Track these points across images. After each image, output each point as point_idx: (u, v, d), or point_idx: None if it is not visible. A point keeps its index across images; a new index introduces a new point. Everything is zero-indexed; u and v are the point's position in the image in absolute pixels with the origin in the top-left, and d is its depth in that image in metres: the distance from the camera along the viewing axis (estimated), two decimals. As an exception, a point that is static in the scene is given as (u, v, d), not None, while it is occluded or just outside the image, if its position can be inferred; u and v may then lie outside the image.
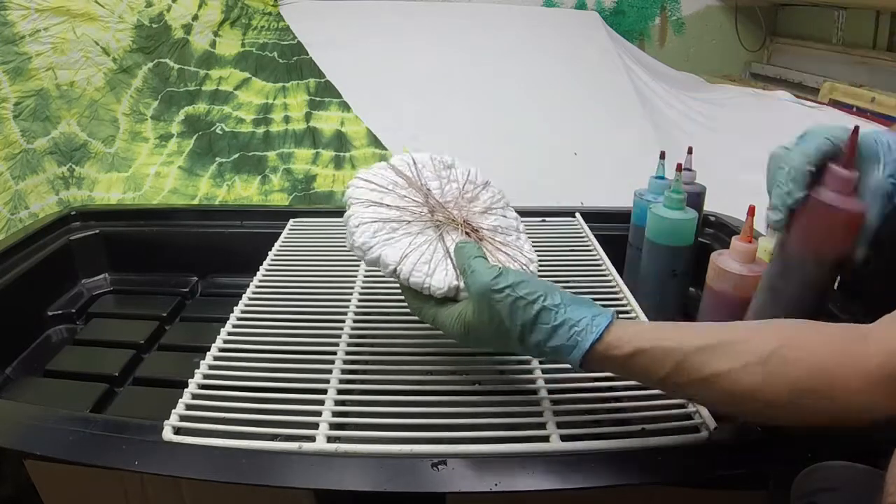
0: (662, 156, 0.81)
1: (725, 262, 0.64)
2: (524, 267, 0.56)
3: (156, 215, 0.96)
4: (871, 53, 2.05)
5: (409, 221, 0.56)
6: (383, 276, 0.59)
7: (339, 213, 0.94)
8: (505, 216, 0.62)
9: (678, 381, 0.42)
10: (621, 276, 0.75)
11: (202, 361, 0.57)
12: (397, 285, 0.55)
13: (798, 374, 0.39)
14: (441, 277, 0.52)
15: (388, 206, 0.56)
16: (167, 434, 0.47)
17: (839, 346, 0.39)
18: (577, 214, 0.90)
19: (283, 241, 0.82)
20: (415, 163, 0.61)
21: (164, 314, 0.85)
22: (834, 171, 0.46)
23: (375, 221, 0.55)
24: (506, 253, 0.56)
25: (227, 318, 0.64)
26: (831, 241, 0.47)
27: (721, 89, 2.24)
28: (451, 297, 0.51)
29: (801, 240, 0.48)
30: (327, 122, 1.75)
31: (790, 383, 0.39)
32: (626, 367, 0.44)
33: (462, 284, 0.51)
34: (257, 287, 0.70)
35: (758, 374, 0.40)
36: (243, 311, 0.65)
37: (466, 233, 0.56)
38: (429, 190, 0.59)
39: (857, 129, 0.45)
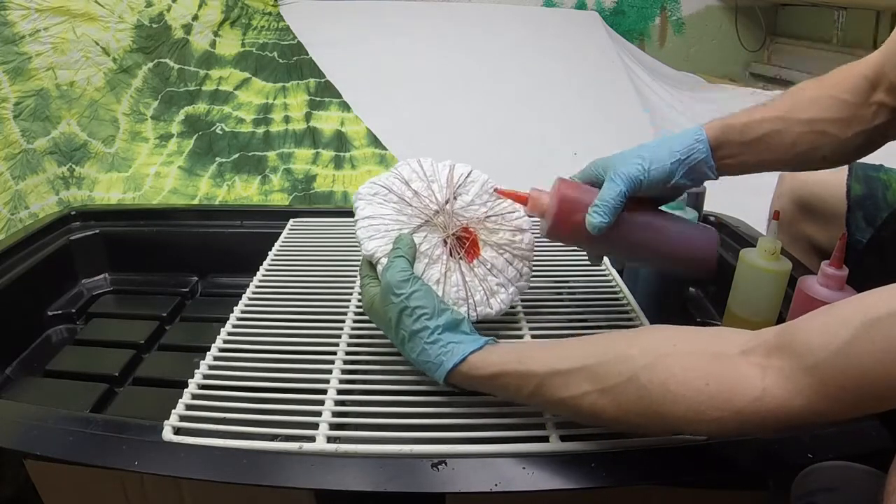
0: (662, 156, 0.81)
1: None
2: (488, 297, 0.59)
3: (156, 215, 0.96)
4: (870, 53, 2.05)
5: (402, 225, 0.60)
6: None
7: (340, 213, 0.94)
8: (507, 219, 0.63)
9: (540, 402, 0.45)
10: (621, 276, 0.75)
11: (202, 361, 0.57)
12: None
13: (655, 400, 0.39)
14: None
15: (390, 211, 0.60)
16: (167, 434, 0.47)
17: (704, 374, 0.38)
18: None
19: (283, 241, 0.82)
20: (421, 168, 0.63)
21: (164, 314, 0.84)
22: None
23: (373, 225, 0.59)
24: (486, 282, 0.59)
25: (227, 318, 0.64)
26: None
27: (721, 89, 2.25)
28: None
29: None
30: (327, 122, 1.75)
31: (646, 408, 0.39)
32: (491, 386, 0.48)
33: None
34: (257, 287, 0.70)
35: (614, 397, 0.41)
36: (243, 311, 0.65)
37: (459, 238, 0.60)
38: (415, 194, 0.61)
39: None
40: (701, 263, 0.58)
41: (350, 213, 0.62)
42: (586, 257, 0.78)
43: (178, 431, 0.48)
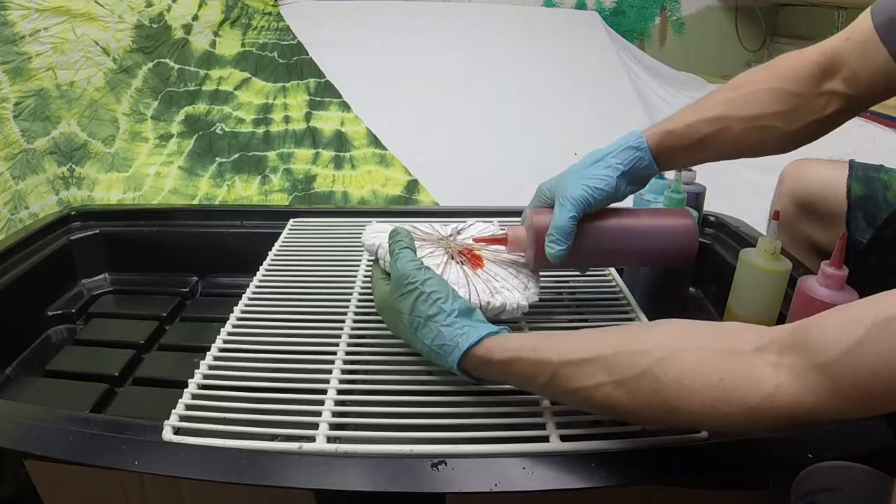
0: (662, 156, 0.81)
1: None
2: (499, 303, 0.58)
3: (156, 215, 0.96)
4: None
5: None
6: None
7: (339, 213, 0.94)
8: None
9: (553, 391, 0.45)
10: (621, 276, 0.75)
11: (202, 361, 0.57)
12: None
13: (670, 394, 0.39)
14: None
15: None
16: (167, 434, 0.47)
17: (719, 368, 0.38)
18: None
19: (283, 241, 0.82)
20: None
21: (164, 314, 0.84)
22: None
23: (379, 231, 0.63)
24: (493, 285, 0.60)
25: (227, 318, 0.64)
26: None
27: (721, 89, 2.24)
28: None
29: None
30: (327, 122, 1.75)
31: (661, 402, 0.39)
32: (505, 373, 0.47)
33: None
34: (257, 287, 0.70)
35: (629, 390, 0.41)
36: (243, 311, 0.65)
37: (460, 252, 0.63)
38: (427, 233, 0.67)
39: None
40: (682, 251, 0.60)
41: (350, 213, 0.62)
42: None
43: (178, 431, 0.48)
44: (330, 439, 0.47)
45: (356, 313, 0.65)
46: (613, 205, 0.60)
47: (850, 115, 0.58)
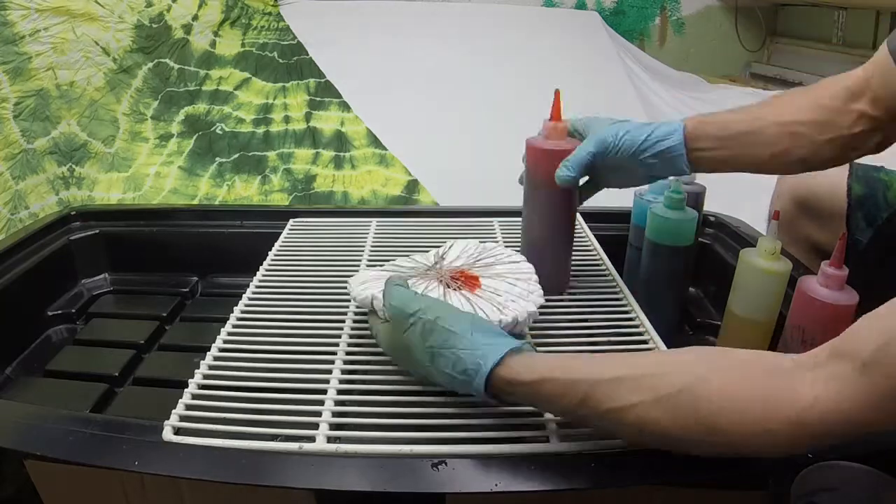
0: (662, 156, 0.81)
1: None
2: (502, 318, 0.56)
3: (156, 215, 0.96)
4: (870, 53, 2.03)
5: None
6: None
7: (340, 213, 0.94)
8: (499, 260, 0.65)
9: (586, 412, 0.43)
10: (621, 276, 0.75)
11: (202, 361, 0.57)
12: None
13: (710, 410, 0.38)
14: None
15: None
16: (167, 434, 0.47)
17: (759, 384, 0.38)
18: (577, 214, 0.90)
19: (283, 241, 0.82)
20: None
21: (164, 314, 0.84)
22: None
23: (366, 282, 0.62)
24: (494, 305, 0.58)
25: (227, 318, 0.64)
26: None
27: (721, 89, 2.24)
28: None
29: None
30: (327, 122, 1.75)
31: (700, 419, 0.39)
32: (533, 394, 0.44)
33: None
34: (257, 287, 0.70)
35: (666, 408, 0.39)
36: (243, 311, 0.65)
37: (453, 278, 0.61)
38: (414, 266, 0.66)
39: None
40: (546, 280, 0.63)
41: (350, 213, 0.62)
42: (585, 257, 0.78)
43: (178, 431, 0.48)
44: (330, 439, 0.47)
45: (356, 313, 0.65)
46: None
47: (876, 140, 0.58)
